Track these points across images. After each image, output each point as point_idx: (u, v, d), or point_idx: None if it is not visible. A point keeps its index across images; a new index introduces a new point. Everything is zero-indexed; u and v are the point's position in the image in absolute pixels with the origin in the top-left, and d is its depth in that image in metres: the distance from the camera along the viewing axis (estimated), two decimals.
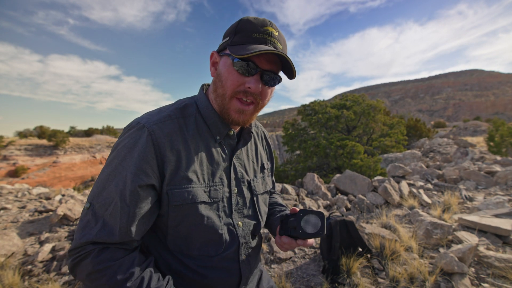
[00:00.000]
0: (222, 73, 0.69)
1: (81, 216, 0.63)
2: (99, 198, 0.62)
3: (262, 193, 0.87)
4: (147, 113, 0.71)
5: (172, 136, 0.67)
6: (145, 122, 0.66)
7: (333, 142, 9.66)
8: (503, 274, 1.78)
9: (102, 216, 0.61)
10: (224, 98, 0.70)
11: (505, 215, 2.58)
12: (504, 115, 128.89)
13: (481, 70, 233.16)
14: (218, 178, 0.73)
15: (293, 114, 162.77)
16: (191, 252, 0.70)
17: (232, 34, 0.68)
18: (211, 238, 0.71)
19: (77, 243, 0.60)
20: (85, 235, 0.60)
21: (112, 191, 0.61)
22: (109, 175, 0.63)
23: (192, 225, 0.68)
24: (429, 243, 2.31)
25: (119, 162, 0.63)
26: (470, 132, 19.58)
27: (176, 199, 0.65)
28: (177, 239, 0.69)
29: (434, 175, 5.10)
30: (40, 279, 2.15)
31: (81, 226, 0.61)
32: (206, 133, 0.74)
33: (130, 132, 0.66)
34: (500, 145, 9.13)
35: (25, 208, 3.51)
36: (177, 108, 0.73)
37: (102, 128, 35.84)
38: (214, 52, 0.73)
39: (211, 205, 0.71)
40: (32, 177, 20.51)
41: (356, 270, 1.96)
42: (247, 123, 0.75)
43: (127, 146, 0.64)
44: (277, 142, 51.39)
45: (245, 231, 0.78)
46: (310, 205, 3.82)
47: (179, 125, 0.70)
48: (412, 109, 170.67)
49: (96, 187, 0.64)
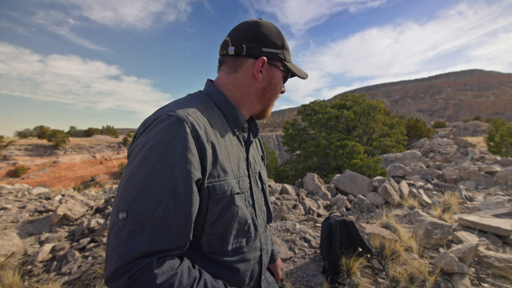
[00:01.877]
0: (277, 84, 0.81)
1: (114, 229, 0.54)
2: (139, 204, 0.54)
3: (266, 182, 0.93)
4: (173, 105, 0.67)
5: (206, 128, 0.66)
6: (179, 114, 0.61)
7: (333, 142, 9.66)
8: (503, 274, 1.78)
9: (148, 223, 0.54)
10: (270, 100, 0.83)
11: (505, 215, 2.58)
12: (504, 115, 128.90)
13: (481, 70, 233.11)
14: (242, 170, 0.76)
15: (293, 114, 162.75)
16: (225, 248, 0.69)
17: (281, 49, 0.78)
18: (242, 230, 0.73)
19: (125, 259, 0.51)
20: (134, 247, 0.52)
21: (158, 193, 0.55)
22: (146, 175, 0.55)
23: (229, 218, 0.68)
24: (429, 243, 2.31)
25: (159, 160, 0.56)
26: (470, 132, 19.58)
27: (217, 192, 0.64)
28: (211, 237, 0.67)
29: (434, 175, 5.10)
30: (40, 279, 2.15)
31: (121, 241, 0.52)
32: (226, 126, 0.76)
33: (162, 126, 0.59)
34: (500, 145, 9.13)
35: (25, 208, 3.51)
36: (199, 101, 0.73)
37: (102, 128, 35.84)
38: (265, 60, 0.76)
39: (241, 195, 0.73)
40: (32, 177, 20.52)
41: (356, 270, 1.96)
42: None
43: (164, 141, 0.57)
44: (277, 142, 51.33)
45: (261, 220, 0.83)
46: (310, 205, 3.82)
47: (207, 117, 0.69)
48: (412, 109, 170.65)
49: (130, 193, 0.55)
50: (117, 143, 31.14)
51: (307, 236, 2.72)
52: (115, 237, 0.53)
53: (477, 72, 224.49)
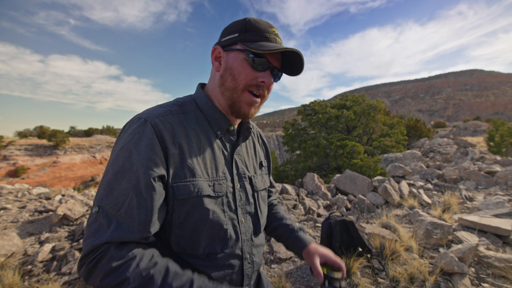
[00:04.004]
0: (233, 67, 0.72)
1: (88, 222, 0.59)
2: (108, 199, 0.59)
3: (261, 189, 0.89)
4: (147, 109, 0.72)
5: (173, 129, 0.68)
6: (147, 117, 0.66)
7: (333, 142, 9.66)
8: (503, 274, 1.78)
9: (115, 217, 0.58)
10: (235, 91, 0.73)
11: (505, 215, 2.58)
12: (504, 115, 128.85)
13: (481, 70, 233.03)
14: (221, 173, 0.74)
15: (293, 114, 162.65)
16: (196, 251, 0.69)
17: (242, 31, 0.71)
18: (217, 234, 0.70)
19: (89, 247, 0.56)
20: (98, 238, 0.56)
21: (124, 188, 0.59)
22: (116, 173, 0.60)
23: (197, 221, 0.67)
24: (429, 243, 2.31)
25: (126, 158, 0.61)
26: (470, 132, 19.59)
27: (181, 192, 0.65)
28: (181, 238, 0.68)
29: (434, 175, 5.10)
30: (40, 279, 2.15)
31: (91, 232, 0.57)
32: (207, 128, 0.76)
33: (132, 128, 0.65)
34: (500, 145, 9.13)
35: (25, 208, 3.51)
36: (176, 104, 0.75)
37: (102, 128, 35.82)
38: (218, 47, 0.75)
39: (216, 199, 0.71)
40: (32, 177, 20.51)
41: (356, 270, 1.96)
42: (252, 116, 0.79)
43: (132, 141, 0.62)
44: (277, 142, 51.35)
45: (246, 228, 0.79)
46: (310, 205, 3.82)
47: (179, 119, 0.71)
48: (412, 109, 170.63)
49: (103, 189, 0.60)
50: None
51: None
52: (87, 229, 0.59)
53: (477, 72, 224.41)
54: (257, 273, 0.91)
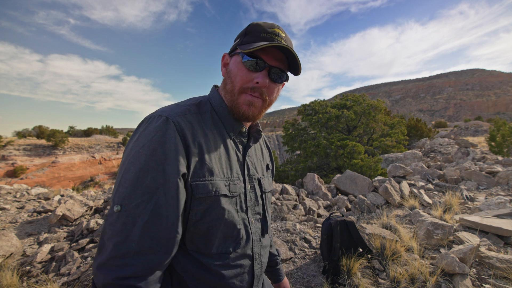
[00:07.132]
0: (232, 70, 0.75)
1: (109, 221, 0.58)
2: (132, 198, 0.58)
3: (268, 191, 0.91)
4: (164, 108, 0.71)
5: (193, 129, 0.68)
6: (168, 115, 0.66)
7: (334, 142, 9.65)
8: (504, 275, 1.77)
9: (141, 215, 0.57)
10: (233, 94, 0.74)
11: (507, 216, 2.56)
12: (505, 115, 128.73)
13: (483, 70, 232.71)
14: (236, 173, 0.76)
15: (293, 114, 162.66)
16: (210, 250, 0.69)
17: (242, 35, 0.74)
18: (230, 234, 0.72)
19: (121, 248, 0.56)
20: (129, 237, 0.56)
21: (149, 187, 0.58)
22: (139, 171, 0.59)
23: (213, 220, 0.68)
24: (430, 244, 2.29)
25: (150, 156, 0.60)
26: (471, 132, 19.56)
27: (200, 191, 0.65)
28: (195, 236, 0.68)
29: (435, 175, 5.08)
30: (39, 280, 2.14)
31: (116, 231, 0.56)
32: (221, 129, 0.77)
33: (154, 125, 0.64)
34: (502, 145, 9.10)
35: (24, 209, 3.50)
36: (193, 104, 0.76)
37: (101, 128, 35.84)
38: (225, 54, 0.80)
39: (231, 199, 0.72)
40: (30, 177, 20.54)
41: (356, 271, 1.95)
42: (257, 117, 0.78)
43: (155, 139, 0.61)
44: (277, 142, 51.37)
45: (256, 229, 0.81)
46: (311, 205, 3.81)
47: (197, 119, 0.72)
48: (413, 109, 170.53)
49: (124, 187, 0.59)
50: (117, 143, 31.15)
51: (307, 237, 2.71)
52: (110, 228, 0.57)
53: (479, 72, 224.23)
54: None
